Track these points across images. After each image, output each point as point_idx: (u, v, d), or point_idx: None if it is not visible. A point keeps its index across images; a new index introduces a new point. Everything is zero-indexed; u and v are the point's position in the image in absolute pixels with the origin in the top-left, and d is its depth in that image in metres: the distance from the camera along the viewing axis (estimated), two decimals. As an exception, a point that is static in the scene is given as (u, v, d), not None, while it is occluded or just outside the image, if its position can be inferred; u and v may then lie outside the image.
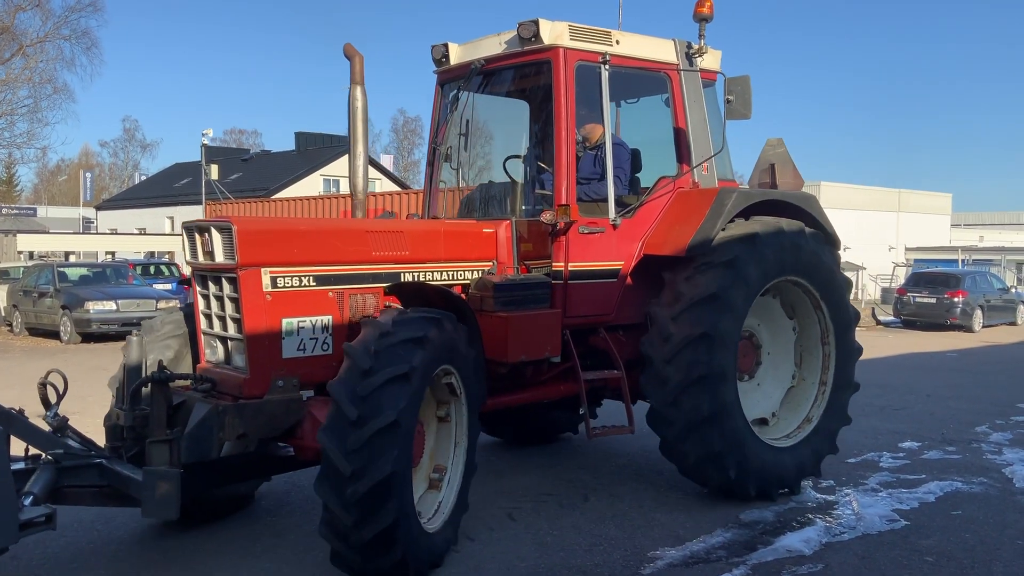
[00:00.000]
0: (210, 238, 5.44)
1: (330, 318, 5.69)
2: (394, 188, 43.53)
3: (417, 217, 8.10)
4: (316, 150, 50.01)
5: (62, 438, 5.14)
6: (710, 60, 7.41)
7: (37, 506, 4.62)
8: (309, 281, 5.62)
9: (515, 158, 7.82)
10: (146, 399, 5.17)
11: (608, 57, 6.72)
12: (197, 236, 5.57)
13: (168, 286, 23.68)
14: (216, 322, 5.67)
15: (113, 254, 37.37)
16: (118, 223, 53.02)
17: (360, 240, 5.99)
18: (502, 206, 7.03)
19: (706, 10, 6.92)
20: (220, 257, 5.41)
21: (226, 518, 6.46)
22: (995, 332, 24.90)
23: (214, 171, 41.72)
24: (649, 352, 6.65)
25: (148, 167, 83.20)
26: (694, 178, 7.23)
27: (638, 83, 7.38)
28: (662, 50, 7.18)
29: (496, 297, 6.16)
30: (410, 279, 6.11)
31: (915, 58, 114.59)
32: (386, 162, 51.48)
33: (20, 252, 32.06)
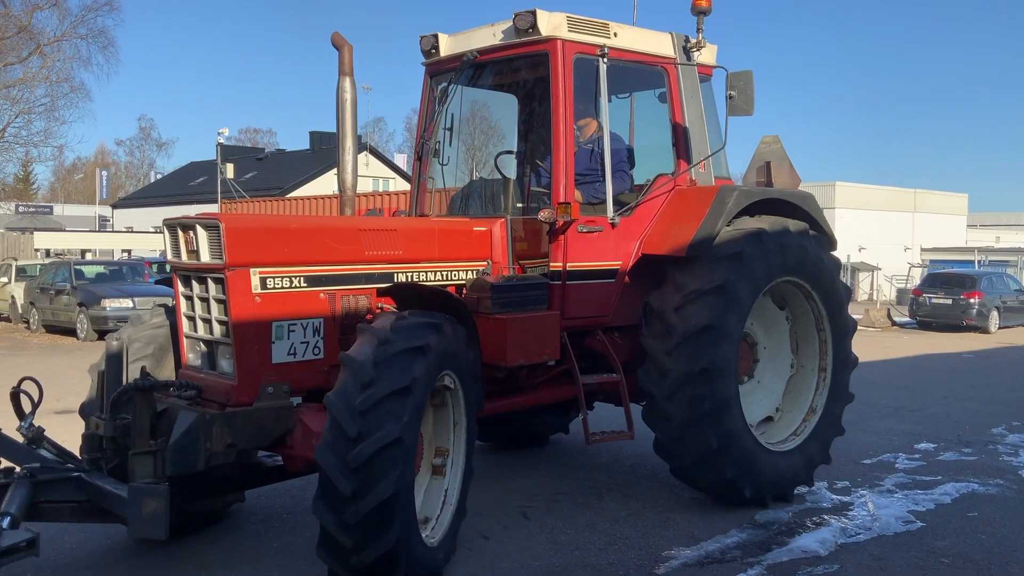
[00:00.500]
0: (195, 236, 5.16)
1: (321, 321, 5.41)
2: (408, 187, 43.47)
3: (404, 215, 7.82)
4: (330, 149, 50.03)
5: (37, 450, 4.81)
6: (707, 55, 7.23)
7: (17, 529, 4.22)
8: (300, 282, 5.35)
9: (507, 154, 7.61)
10: (127, 407, 4.81)
11: (606, 50, 6.49)
12: (180, 234, 5.28)
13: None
14: (200, 325, 5.38)
15: (129, 252, 37.66)
16: (134, 221, 53.38)
17: (353, 239, 5.71)
18: (494, 204, 6.79)
19: (705, 3, 6.77)
20: (206, 257, 5.12)
21: (199, 532, 6.00)
22: (1012, 333, 24.68)
23: (229, 170, 41.98)
24: (649, 344, 6.43)
25: (164, 166, 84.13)
26: (691, 176, 7.06)
27: (634, 77, 7.16)
28: (660, 44, 6.97)
29: (494, 298, 5.90)
30: (403, 279, 5.87)
31: (933, 58, 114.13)
32: (400, 161, 51.58)
33: (37, 250, 32.33)
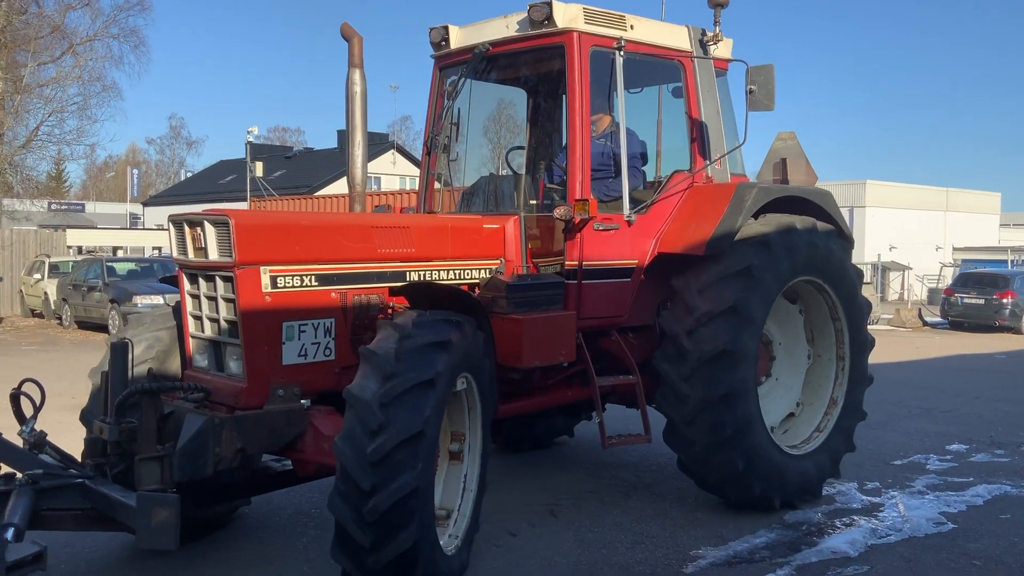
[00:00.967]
0: (203, 233, 5.01)
1: (333, 321, 5.24)
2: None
3: (412, 211, 7.64)
4: (357, 148, 50.34)
5: (39, 455, 4.62)
6: (723, 49, 7.08)
7: (22, 542, 4.00)
8: (311, 281, 5.17)
9: (518, 149, 7.47)
10: (133, 410, 4.62)
11: (623, 43, 6.33)
12: (187, 230, 5.13)
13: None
14: (208, 325, 5.20)
15: (160, 249, 37.99)
16: (164, 219, 53.53)
17: (365, 236, 5.54)
18: (506, 200, 6.65)
19: None
20: (214, 254, 4.95)
21: (202, 539, 5.80)
22: (1045, 334, 24.35)
23: (259, 168, 42.27)
24: (664, 368, 6.28)
25: (194, 164, 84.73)
26: (707, 172, 6.89)
27: (649, 71, 6.97)
28: (676, 37, 6.83)
29: (509, 298, 5.73)
30: (415, 278, 5.71)
31: (967, 56, 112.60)
32: (426, 159, 51.84)
33: (69, 247, 32.70)
